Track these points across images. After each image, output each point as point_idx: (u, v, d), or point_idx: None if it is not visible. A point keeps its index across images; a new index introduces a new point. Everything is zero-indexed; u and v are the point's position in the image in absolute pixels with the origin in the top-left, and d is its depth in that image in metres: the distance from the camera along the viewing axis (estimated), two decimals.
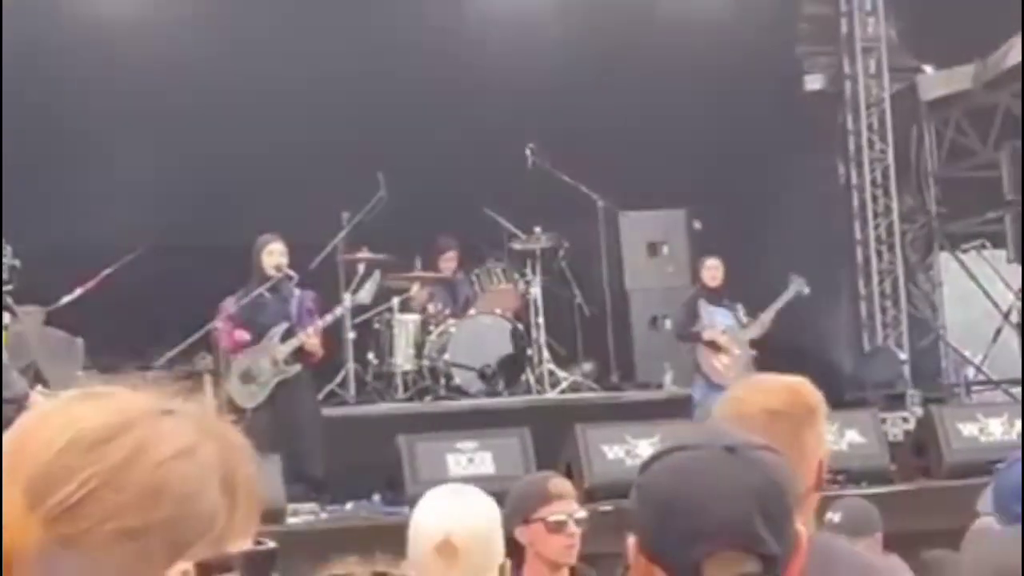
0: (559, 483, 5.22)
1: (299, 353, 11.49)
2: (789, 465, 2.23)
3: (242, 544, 1.47)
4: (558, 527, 5.02)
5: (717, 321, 13.10)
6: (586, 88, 14.40)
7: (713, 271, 13.18)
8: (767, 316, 13.13)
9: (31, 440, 1.42)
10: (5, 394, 8.31)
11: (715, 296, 13.19)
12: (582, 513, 5.13)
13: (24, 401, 8.42)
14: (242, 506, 1.47)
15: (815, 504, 3.21)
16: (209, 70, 13.60)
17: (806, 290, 13.33)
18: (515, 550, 5.04)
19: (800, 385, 3.22)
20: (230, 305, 11.47)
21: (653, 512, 2.14)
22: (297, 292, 11.69)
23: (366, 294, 12.03)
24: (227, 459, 1.47)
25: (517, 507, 5.11)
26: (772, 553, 2.08)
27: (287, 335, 11.48)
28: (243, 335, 11.41)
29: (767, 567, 2.09)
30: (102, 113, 13.36)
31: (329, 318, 11.72)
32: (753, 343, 13.08)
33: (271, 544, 1.52)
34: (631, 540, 2.17)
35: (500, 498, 5.53)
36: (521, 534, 5.03)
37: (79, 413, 1.44)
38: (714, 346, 13.01)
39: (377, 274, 12.23)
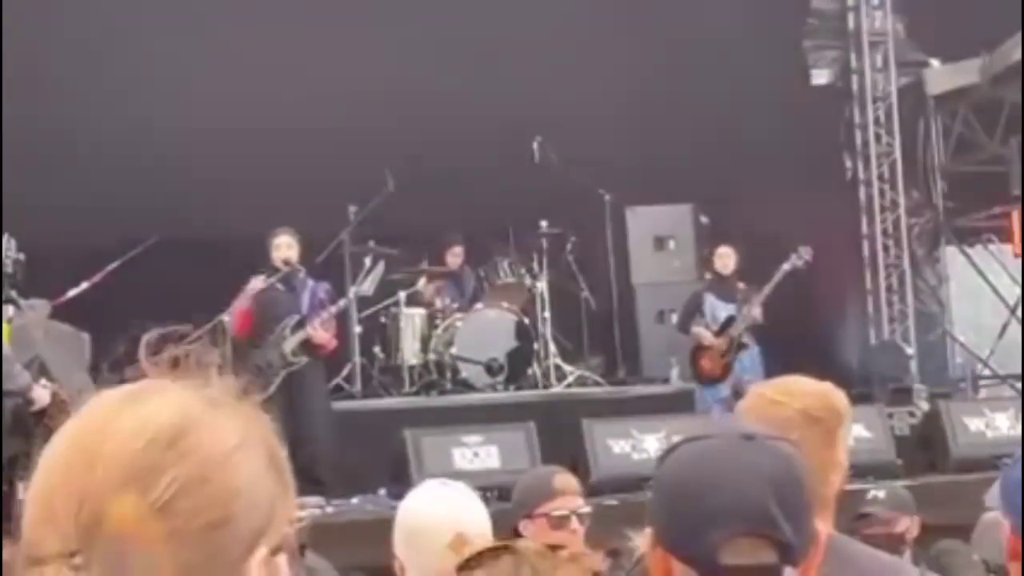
0: (563, 479, 5.21)
1: (308, 345, 11.50)
2: (817, 464, 2.22)
3: (290, 523, 1.52)
4: (560, 523, 5.01)
5: (719, 316, 13.13)
6: (592, 83, 14.38)
7: (725, 259, 13.17)
8: (755, 309, 13.07)
9: (106, 444, 1.44)
10: (7, 386, 8.33)
11: (726, 288, 13.18)
12: (586, 509, 5.12)
13: (27, 393, 8.43)
14: (287, 485, 1.52)
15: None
16: (216, 64, 13.61)
17: (801, 263, 13.18)
18: None
19: (832, 390, 3.25)
20: (256, 285, 11.45)
21: (668, 500, 2.13)
22: (310, 284, 11.70)
23: (369, 286, 12.03)
24: (268, 442, 1.52)
25: (521, 501, 5.12)
26: (788, 541, 2.05)
27: (297, 327, 11.49)
28: (247, 325, 11.44)
29: (783, 556, 2.06)
30: (107, 106, 13.36)
31: (333, 309, 11.71)
32: (759, 338, 13.12)
33: (305, 520, 1.55)
34: (646, 532, 2.15)
35: (506, 492, 5.52)
36: (524, 528, 5.03)
37: (143, 413, 1.46)
38: (701, 346, 13.13)
39: (381, 265, 12.22)
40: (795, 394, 3.19)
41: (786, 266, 13.08)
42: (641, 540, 2.19)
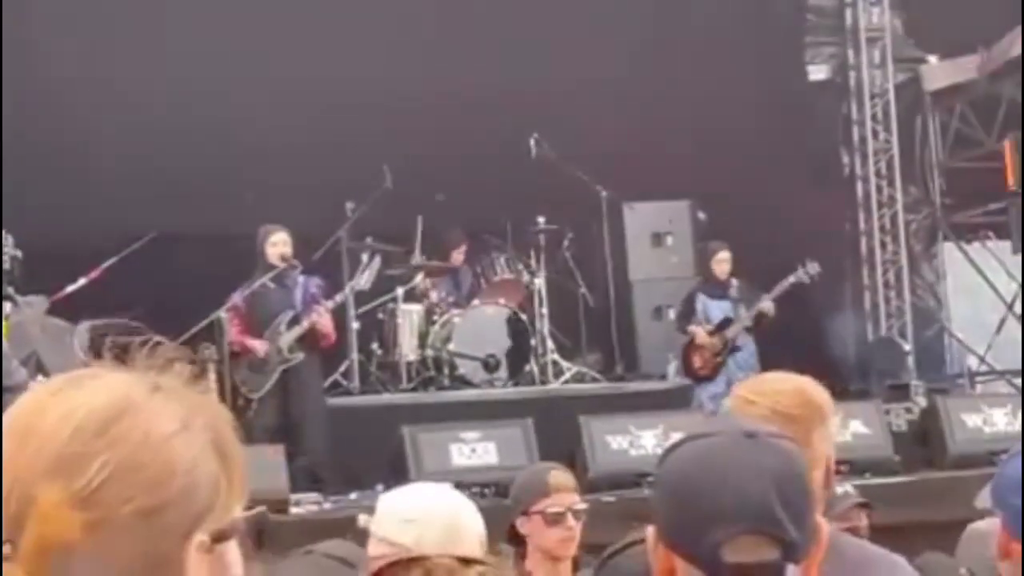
0: (558, 475, 5.23)
1: (305, 340, 11.50)
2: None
3: (238, 510, 1.51)
4: (556, 520, 5.04)
5: (713, 315, 13.22)
6: (589, 79, 14.37)
7: (723, 264, 13.26)
8: (763, 304, 13.14)
9: (37, 429, 1.43)
10: (5, 382, 8.33)
11: (719, 289, 13.26)
12: (581, 505, 5.14)
13: (24, 390, 8.43)
14: (236, 472, 1.50)
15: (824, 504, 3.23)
16: (214, 59, 13.60)
17: (806, 279, 13.26)
18: (517, 541, 5.06)
19: (809, 385, 3.23)
20: (236, 299, 11.47)
21: (670, 497, 2.12)
22: (301, 279, 11.70)
23: (365, 281, 12.03)
24: (216, 428, 1.50)
25: (518, 498, 5.16)
26: (791, 538, 2.05)
27: (292, 323, 11.49)
28: (254, 344, 11.44)
29: (786, 554, 2.06)
30: (105, 103, 13.35)
31: (329, 304, 11.71)
32: (756, 334, 13.15)
33: (261, 508, 1.54)
34: (650, 529, 2.15)
35: (503, 488, 5.53)
36: (522, 525, 5.06)
37: (77, 398, 1.45)
38: (693, 344, 13.18)
39: (377, 260, 12.23)
40: (767, 392, 3.19)
41: (792, 278, 13.18)
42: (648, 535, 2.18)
